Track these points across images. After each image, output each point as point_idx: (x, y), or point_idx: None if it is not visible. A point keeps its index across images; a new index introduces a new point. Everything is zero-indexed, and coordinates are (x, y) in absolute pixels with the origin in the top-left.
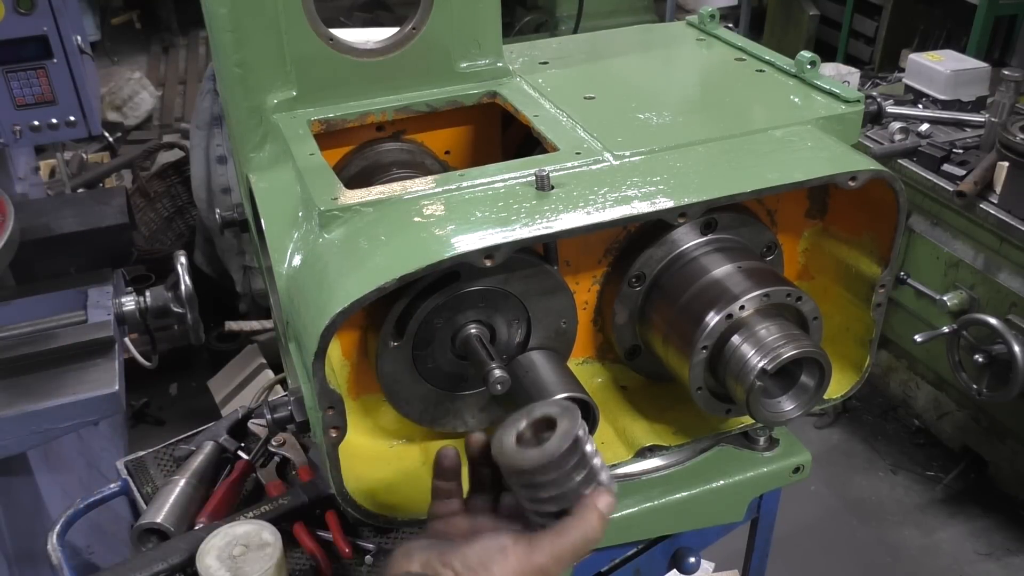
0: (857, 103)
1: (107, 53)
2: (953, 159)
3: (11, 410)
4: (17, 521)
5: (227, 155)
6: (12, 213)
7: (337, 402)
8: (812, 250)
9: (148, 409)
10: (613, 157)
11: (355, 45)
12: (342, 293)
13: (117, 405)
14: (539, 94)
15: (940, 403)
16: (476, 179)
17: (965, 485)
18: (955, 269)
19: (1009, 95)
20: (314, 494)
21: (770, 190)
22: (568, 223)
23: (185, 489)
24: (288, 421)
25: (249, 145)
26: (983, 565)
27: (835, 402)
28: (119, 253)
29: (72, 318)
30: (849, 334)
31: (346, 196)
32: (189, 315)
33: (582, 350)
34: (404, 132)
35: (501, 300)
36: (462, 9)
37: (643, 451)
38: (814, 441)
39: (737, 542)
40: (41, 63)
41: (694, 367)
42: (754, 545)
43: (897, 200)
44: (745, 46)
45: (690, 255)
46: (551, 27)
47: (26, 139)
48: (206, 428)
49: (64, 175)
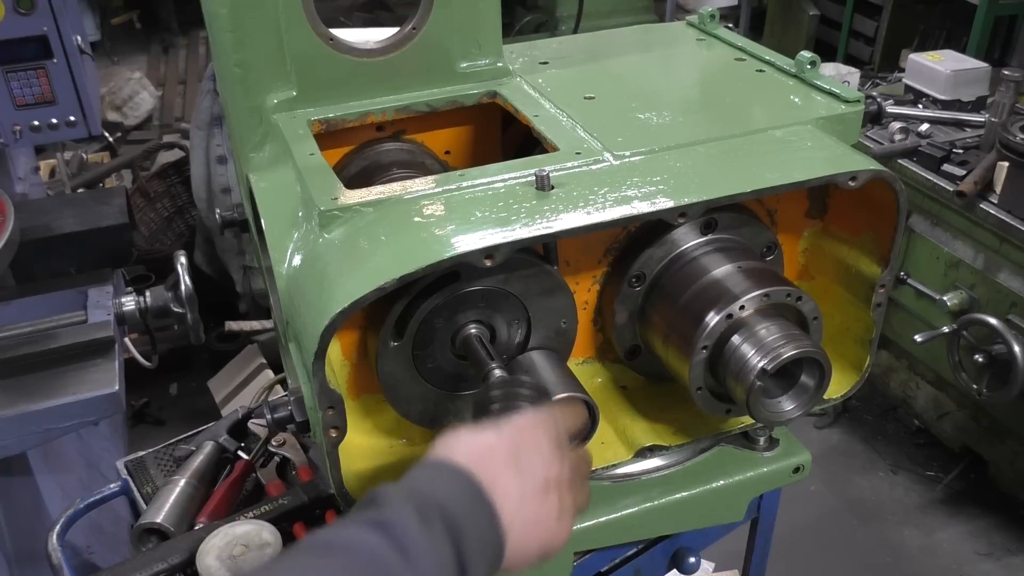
0: (857, 103)
1: (107, 53)
2: (953, 159)
3: (11, 410)
4: (17, 521)
5: (227, 155)
6: (12, 213)
7: (337, 402)
8: (812, 250)
9: (148, 409)
10: (613, 157)
11: (355, 45)
12: (342, 293)
13: (117, 405)
14: (539, 94)
15: (940, 403)
16: (476, 179)
17: (965, 485)
18: (955, 269)
19: (1009, 95)
20: (314, 494)
21: (770, 190)
22: (568, 223)
23: (185, 489)
24: (288, 421)
25: (249, 145)
26: (983, 565)
27: (835, 402)
28: (119, 253)
29: (72, 318)
30: (849, 334)
31: (346, 196)
32: (189, 315)
33: (582, 350)
34: (404, 132)
35: (501, 300)
36: (462, 9)
37: (643, 451)
38: (814, 441)
39: (737, 542)
40: (41, 63)
41: (694, 367)
42: (754, 545)
43: (897, 200)
44: (745, 46)
45: (690, 255)
46: (551, 27)
47: (26, 139)
48: (206, 428)
49: (64, 175)
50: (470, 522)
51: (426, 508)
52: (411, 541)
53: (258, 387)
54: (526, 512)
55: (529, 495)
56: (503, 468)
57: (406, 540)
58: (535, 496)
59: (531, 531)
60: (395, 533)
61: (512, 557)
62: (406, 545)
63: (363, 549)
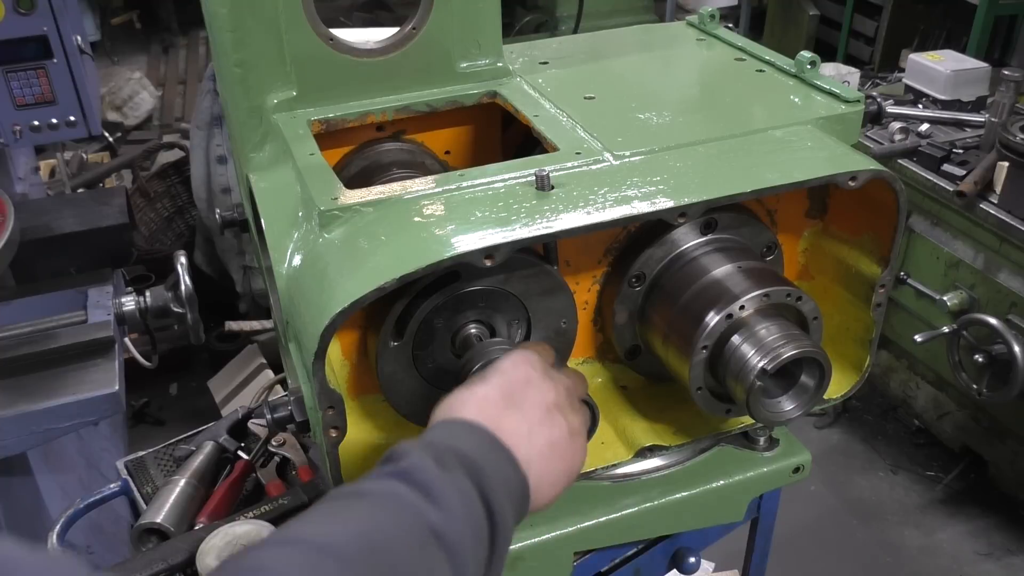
0: (857, 103)
1: (107, 53)
2: (953, 159)
3: (11, 410)
4: (17, 521)
5: (227, 155)
6: (12, 213)
7: (337, 402)
8: (812, 250)
9: (148, 409)
10: (613, 157)
11: (355, 45)
12: (342, 293)
13: (117, 405)
14: (539, 94)
15: (940, 403)
16: (476, 179)
17: (965, 485)
18: (955, 269)
19: (1009, 95)
20: (314, 494)
21: (770, 190)
22: (568, 223)
23: (185, 489)
24: (288, 421)
25: (249, 145)
26: (983, 565)
27: (835, 402)
28: (119, 253)
29: (72, 318)
30: (849, 334)
31: (346, 196)
32: (189, 315)
33: (582, 350)
34: (404, 132)
35: (501, 300)
36: (462, 9)
37: (643, 451)
38: (814, 441)
39: (737, 542)
40: (41, 63)
41: (694, 367)
42: (754, 545)
43: (897, 200)
44: (745, 46)
45: (690, 255)
46: (551, 27)
47: (26, 139)
48: (206, 428)
49: (64, 175)
50: (489, 464)
51: (443, 455)
52: (434, 484)
53: (258, 387)
54: (539, 443)
55: (536, 426)
56: (503, 410)
57: (429, 484)
58: (541, 425)
59: (550, 459)
60: (416, 479)
61: (540, 491)
62: (429, 488)
63: (388, 494)
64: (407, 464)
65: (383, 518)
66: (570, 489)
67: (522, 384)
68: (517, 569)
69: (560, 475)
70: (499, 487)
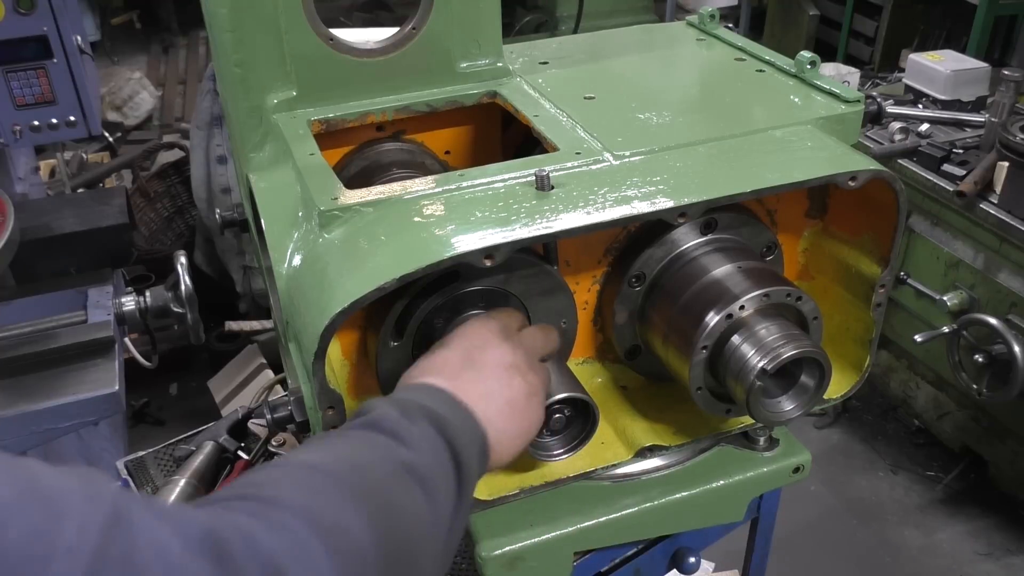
0: (857, 103)
1: (107, 53)
2: (953, 159)
3: (11, 410)
4: None
5: (227, 155)
6: (12, 213)
7: (337, 402)
8: (812, 250)
9: (148, 409)
10: (613, 157)
11: (355, 45)
12: (342, 293)
13: (117, 405)
14: (539, 94)
15: (940, 403)
16: (476, 179)
17: (965, 485)
18: (955, 269)
19: (1009, 95)
20: None
21: (770, 190)
22: (568, 223)
23: (185, 489)
24: (288, 421)
25: (249, 145)
26: (983, 565)
27: (835, 402)
28: (119, 253)
29: (72, 318)
30: (849, 334)
31: (346, 196)
32: (189, 315)
33: (582, 350)
34: (404, 132)
35: (501, 300)
36: (462, 9)
37: (643, 451)
38: (814, 441)
39: (737, 542)
40: (41, 63)
41: (694, 367)
42: (754, 545)
43: (897, 200)
44: (745, 46)
45: (690, 255)
46: (551, 27)
47: (26, 139)
48: (206, 428)
49: (64, 175)
50: (452, 418)
51: (409, 409)
52: (400, 429)
53: (258, 387)
54: (497, 401)
55: (493, 385)
56: (460, 371)
57: (396, 429)
58: (499, 384)
59: (509, 417)
60: (385, 426)
61: (499, 447)
62: (397, 432)
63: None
64: (375, 415)
65: (362, 449)
66: (570, 489)
67: (480, 346)
68: (517, 569)
69: (519, 433)
70: (462, 435)
